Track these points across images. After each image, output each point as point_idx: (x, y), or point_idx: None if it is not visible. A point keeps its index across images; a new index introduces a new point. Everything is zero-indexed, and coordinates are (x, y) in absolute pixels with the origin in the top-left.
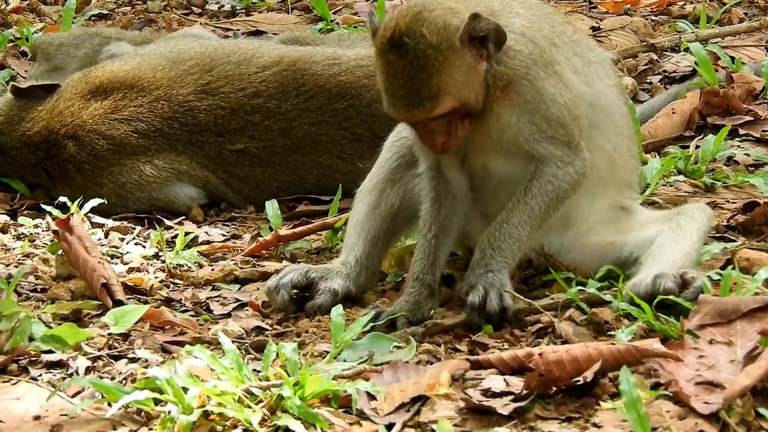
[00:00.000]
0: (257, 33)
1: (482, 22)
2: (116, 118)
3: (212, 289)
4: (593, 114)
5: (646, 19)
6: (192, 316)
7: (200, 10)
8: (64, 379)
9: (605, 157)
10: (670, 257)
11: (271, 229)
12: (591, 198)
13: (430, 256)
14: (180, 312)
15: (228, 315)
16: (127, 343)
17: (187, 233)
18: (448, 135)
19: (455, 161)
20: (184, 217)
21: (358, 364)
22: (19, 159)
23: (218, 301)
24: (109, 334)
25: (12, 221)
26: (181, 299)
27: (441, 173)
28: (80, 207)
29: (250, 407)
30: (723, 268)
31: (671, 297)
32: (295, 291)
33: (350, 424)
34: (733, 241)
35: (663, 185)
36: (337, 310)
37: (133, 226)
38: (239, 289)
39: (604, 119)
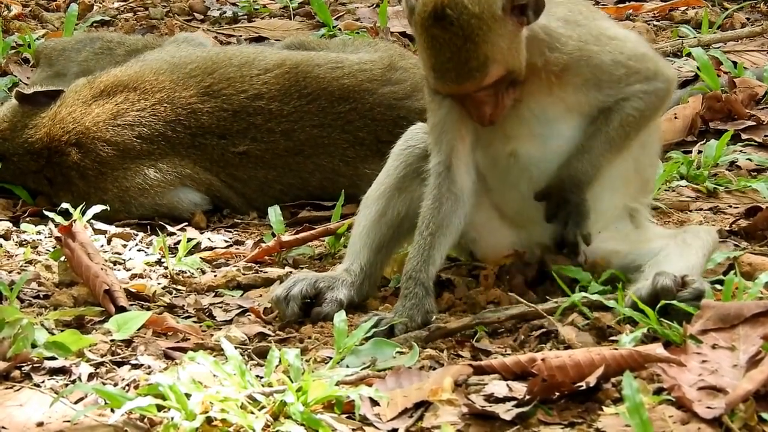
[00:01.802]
0: (259, 39)
1: None
2: (119, 123)
3: (215, 296)
4: None
5: (649, 25)
6: (195, 322)
7: (202, 17)
8: (66, 385)
9: (632, 153)
10: (674, 266)
11: (273, 235)
12: (611, 193)
13: (424, 253)
14: (183, 318)
15: (231, 321)
16: (129, 349)
17: (189, 239)
18: (495, 105)
19: (469, 155)
20: (186, 224)
21: (361, 369)
22: (21, 166)
23: (221, 307)
24: (111, 340)
25: (14, 228)
26: (183, 305)
27: (449, 171)
28: (83, 213)
29: (253, 413)
30: (725, 273)
31: (670, 301)
32: (303, 299)
33: (353, 429)
34: (736, 246)
35: (665, 190)
36: (340, 316)
37: (135, 232)
38: (242, 295)
39: None
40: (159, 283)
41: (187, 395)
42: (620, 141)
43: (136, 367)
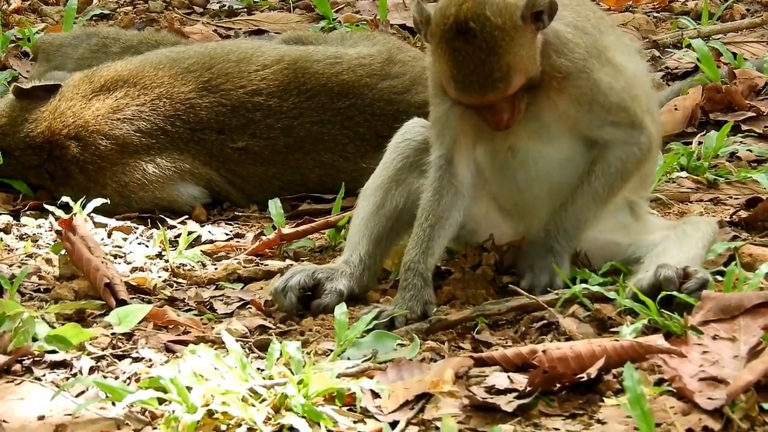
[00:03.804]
0: (259, 32)
1: None
2: (118, 117)
3: (216, 288)
4: None
5: (648, 16)
6: (195, 315)
7: (202, 10)
8: (67, 379)
9: None
10: (674, 258)
11: (274, 227)
12: None
13: (423, 244)
14: (183, 311)
15: (231, 314)
16: (130, 342)
17: (190, 232)
18: (512, 111)
19: (470, 149)
20: (187, 217)
21: (362, 362)
22: (22, 160)
23: (222, 300)
24: (112, 333)
25: (15, 221)
26: (184, 298)
27: (450, 164)
28: (83, 207)
29: (254, 406)
30: (726, 264)
31: (672, 292)
32: (301, 290)
33: (354, 422)
34: (736, 237)
35: (666, 182)
36: (341, 309)
37: (136, 225)
38: (243, 288)
39: None
40: (160, 277)
41: (188, 388)
42: (605, 194)
43: (137, 360)
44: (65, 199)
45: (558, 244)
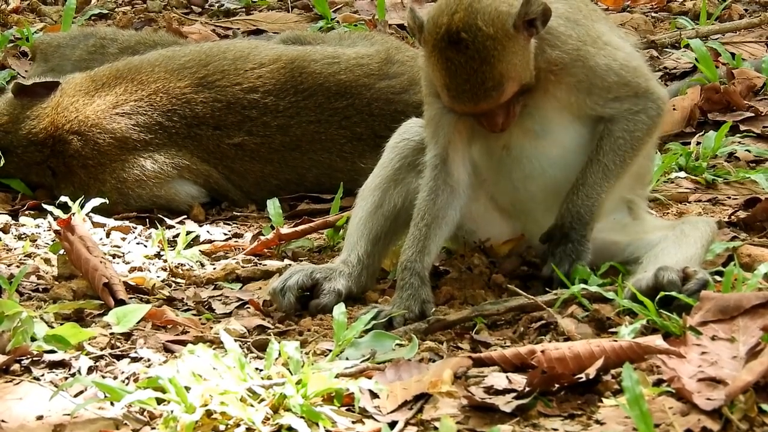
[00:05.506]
0: (257, 32)
1: (534, 5)
2: (117, 112)
3: (214, 288)
4: None
5: (647, 16)
6: (194, 315)
7: (200, 9)
8: (66, 378)
9: None
10: (672, 258)
11: (272, 227)
12: None
13: (419, 243)
14: (182, 311)
15: (230, 314)
16: (129, 342)
17: (188, 232)
18: (507, 115)
19: (465, 148)
20: (185, 216)
21: (361, 362)
22: (24, 158)
23: (220, 300)
24: (111, 333)
25: (13, 221)
26: (183, 298)
27: (445, 163)
28: (81, 206)
29: (252, 406)
30: (725, 264)
31: (674, 293)
32: (299, 290)
33: (353, 422)
34: (735, 237)
35: (664, 182)
36: (340, 309)
37: (134, 225)
38: (241, 288)
39: None
40: (158, 276)
41: (187, 388)
42: (616, 168)
43: (135, 360)
44: (64, 198)
45: (574, 231)
